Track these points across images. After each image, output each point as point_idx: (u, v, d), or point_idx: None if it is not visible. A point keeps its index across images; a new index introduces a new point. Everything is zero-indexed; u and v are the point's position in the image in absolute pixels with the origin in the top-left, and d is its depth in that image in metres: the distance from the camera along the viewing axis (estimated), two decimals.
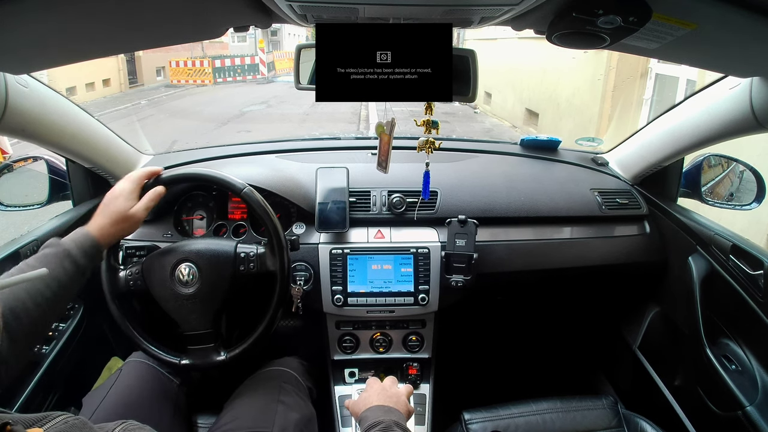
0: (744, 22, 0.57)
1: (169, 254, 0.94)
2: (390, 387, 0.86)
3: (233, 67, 14.74)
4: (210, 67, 13.90)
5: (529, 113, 7.27)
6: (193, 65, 13.80)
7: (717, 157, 1.23)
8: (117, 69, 11.82)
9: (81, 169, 1.16)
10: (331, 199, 1.15)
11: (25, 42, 0.62)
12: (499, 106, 8.58)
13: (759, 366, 0.97)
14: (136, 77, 13.05)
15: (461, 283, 1.12)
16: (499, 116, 8.45)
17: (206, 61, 13.92)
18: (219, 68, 14.27)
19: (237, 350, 0.96)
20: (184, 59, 13.76)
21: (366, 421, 0.74)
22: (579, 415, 1.01)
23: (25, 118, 0.85)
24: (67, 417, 0.51)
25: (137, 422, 0.61)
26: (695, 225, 1.13)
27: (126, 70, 12.26)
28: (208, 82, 13.79)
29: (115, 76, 11.80)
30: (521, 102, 7.52)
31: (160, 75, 14.26)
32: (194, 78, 13.76)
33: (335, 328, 1.21)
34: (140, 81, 13.17)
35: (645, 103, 4.47)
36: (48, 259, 0.73)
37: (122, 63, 12.01)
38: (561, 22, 0.62)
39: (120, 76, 11.99)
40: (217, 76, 14.11)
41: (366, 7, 0.63)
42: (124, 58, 11.84)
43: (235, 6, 0.67)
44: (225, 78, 14.37)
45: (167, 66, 13.93)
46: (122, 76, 12.09)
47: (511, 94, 8.01)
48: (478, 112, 9.03)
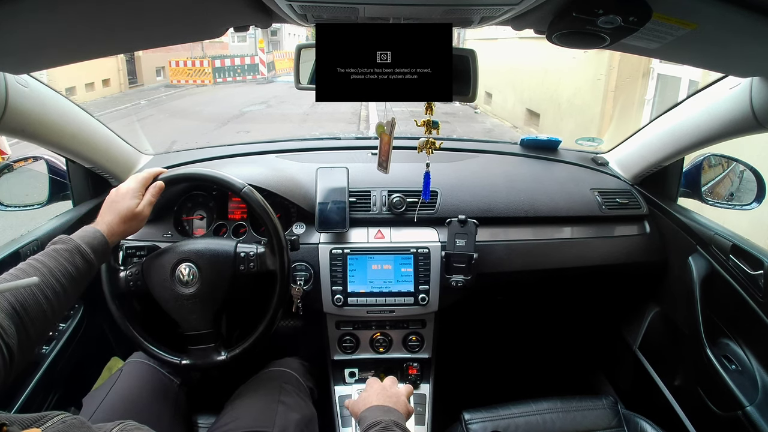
0: (744, 22, 0.57)
1: (169, 254, 0.94)
2: (390, 387, 0.86)
3: (233, 67, 14.65)
4: (210, 67, 13.81)
5: (530, 113, 7.23)
6: (193, 65, 13.69)
7: (717, 157, 1.23)
8: (117, 69, 11.71)
9: (81, 169, 1.16)
10: (331, 199, 1.15)
11: (25, 42, 0.62)
12: (500, 106, 8.52)
13: (759, 366, 0.97)
14: (136, 77, 12.96)
15: (461, 283, 1.12)
16: (499, 116, 8.40)
17: (206, 61, 13.82)
18: (219, 68, 14.18)
19: (237, 350, 0.96)
20: (183, 59, 13.64)
21: (365, 421, 0.74)
22: (579, 415, 1.01)
23: (25, 118, 0.85)
24: (65, 417, 0.51)
25: (135, 422, 0.61)
26: (695, 225, 1.13)
27: (126, 70, 12.16)
28: (208, 82, 13.69)
29: (115, 76, 11.70)
30: (522, 102, 7.46)
31: (160, 75, 14.16)
32: (194, 78, 13.66)
33: (335, 328, 1.21)
34: (140, 81, 13.08)
35: (647, 103, 4.45)
36: (58, 254, 0.72)
37: (122, 63, 11.89)
38: (561, 22, 0.62)
39: (120, 76, 11.90)
40: (217, 76, 14.02)
41: (366, 7, 0.63)
42: (123, 58, 11.77)
43: (235, 6, 0.67)
44: (225, 78, 14.27)
45: (167, 66, 13.84)
46: (122, 76, 12.01)
47: (511, 94, 7.96)
48: (478, 113, 9.00)
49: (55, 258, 0.72)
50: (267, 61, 15.56)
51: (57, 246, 0.74)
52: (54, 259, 0.72)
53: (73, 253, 0.74)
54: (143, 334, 0.95)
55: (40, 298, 0.67)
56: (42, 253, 0.73)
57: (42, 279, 0.68)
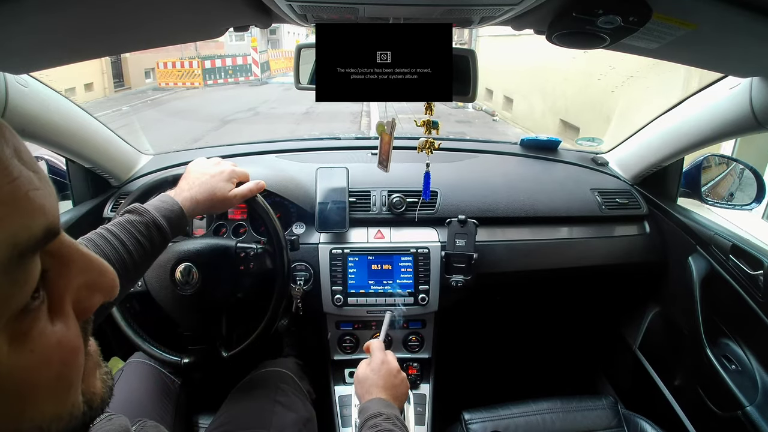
0: (744, 22, 0.57)
1: (168, 254, 0.93)
2: (396, 374, 0.85)
3: (224, 68, 13.49)
4: (200, 68, 12.74)
5: (565, 126, 5.99)
6: (182, 66, 12.65)
7: (717, 157, 1.23)
8: (101, 72, 10.50)
9: (81, 169, 1.16)
10: (331, 199, 1.15)
11: (25, 42, 0.62)
12: (524, 114, 7.31)
13: (759, 366, 0.97)
14: (123, 80, 11.91)
15: (461, 283, 1.12)
16: (522, 125, 7.24)
17: (195, 62, 12.74)
18: (209, 69, 13.04)
19: (237, 350, 0.96)
20: (172, 60, 12.58)
21: (367, 411, 0.75)
22: (579, 415, 1.01)
23: (25, 118, 0.85)
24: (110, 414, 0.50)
25: (153, 421, 0.61)
26: (695, 225, 1.13)
27: (110, 73, 11.06)
28: (198, 84, 12.68)
29: (99, 79, 10.49)
30: (554, 112, 6.12)
31: (150, 77, 13.05)
32: (183, 80, 12.63)
33: (335, 328, 1.21)
34: (127, 84, 12.03)
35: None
36: (132, 226, 0.68)
37: (106, 65, 10.68)
38: (561, 22, 0.62)
39: (104, 80, 10.73)
40: (208, 78, 12.96)
41: (366, 7, 0.63)
42: (108, 60, 10.64)
43: (235, 6, 0.67)
44: (216, 80, 13.17)
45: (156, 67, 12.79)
46: (106, 80, 10.84)
47: (539, 100, 6.68)
48: (497, 120, 8.06)
49: (128, 230, 0.67)
50: (261, 62, 14.50)
51: (131, 217, 0.69)
52: (127, 231, 0.67)
53: (149, 226, 0.69)
54: (143, 335, 0.95)
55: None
56: (114, 222, 0.68)
57: (112, 252, 0.64)
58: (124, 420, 0.51)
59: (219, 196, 0.82)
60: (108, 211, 1.19)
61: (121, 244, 0.66)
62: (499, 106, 8.30)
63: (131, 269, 0.67)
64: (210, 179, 0.82)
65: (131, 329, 0.94)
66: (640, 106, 3.86)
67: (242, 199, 0.88)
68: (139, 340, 0.94)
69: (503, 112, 8.22)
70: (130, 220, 0.69)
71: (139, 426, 0.58)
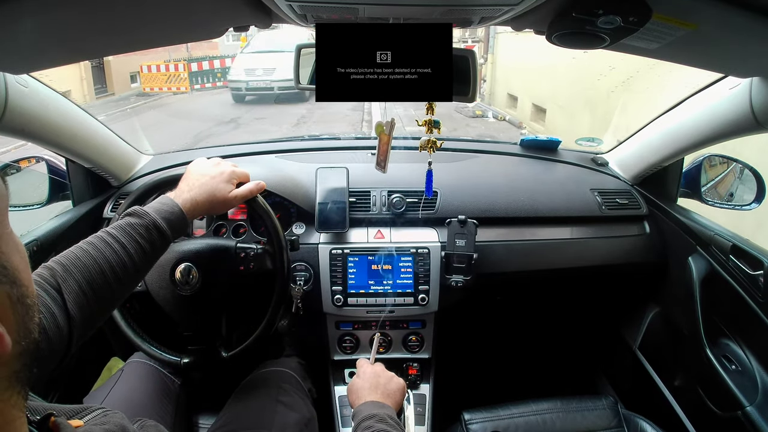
0: (744, 22, 0.57)
1: (168, 254, 0.93)
2: (381, 373, 0.86)
3: (212, 71, 11.65)
4: (186, 71, 11.07)
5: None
6: (167, 70, 10.97)
7: (717, 157, 1.23)
8: (79, 78, 9.15)
9: (81, 169, 1.16)
10: (331, 199, 1.15)
11: (25, 42, 0.62)
12: (561, 128, 5.58)
13: (759, 366, 0.97)
14: (105, 86, 10.55)
15: (461, 283, 1.12)
16: (568, 146, 3.84)
17: (181, 64, 11.07)
18: (196, 72, 11.32)
19: (237, 350, 0.96)
20: (156, 63, 10.91)
21: (360, 414, 0.75)
22: (579, 415, 1.01)
23: (25, 118, 0.85)
24: (105, 410, 0.51)
25: (153, 420, 0.61)
26: (695, 225, 1.13)
27: (91, 79, 9.71)
28: (185, 89, 11.01)
29: (78, 86, 9.12)
30: (614, 129, 3.88)
31: (136, 81, 11.37)
32: (169, 85, 10.97)
33: (335, 328, 1.21)
34: (110, 90, 10.63)
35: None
36: (133, 229, 0.68)
37: (86, 71, 9.33)
38: (561, 22, 0.62)
39: (83, 86, 9.40)
40: (194, 82, 11.22)
41: (366, 7, 0.63)
42: (89, 65, 9.30)
43: (235, 6, 0.67)
44: (203, 84, 11.39)
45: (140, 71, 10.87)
46: (86, 86, 9.51)
47: (585, 113, 5.06)
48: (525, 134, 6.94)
49: (129, 233, 0.67)
50: None
51: (131, 219, 0.69)
52: (128, 234, 0.67)
53: (149, 229, 0.69)
54: (143, 335, 0.95)
55: (109, 277, 0.62)
56: (114, 225, 0.68)
57: (112, 255, 0.64)
58: (119, 416, 0.51)
59: (219, 198, 0.82)
60: (108, 211, 1.19)
61: (122, 248, 0.66)
62: (526, 117, 6.83)
63: (132, 272, 0.67)
64: (210, 180, 0.82)
65: (131, 329, 0.94)
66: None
67: (242, 200, 0.88)
68: (138, 340, 0.94)
69: (532, 124, 6.65)
70: (131, 223, 0.69)
71: (140, 425, 0.58)
